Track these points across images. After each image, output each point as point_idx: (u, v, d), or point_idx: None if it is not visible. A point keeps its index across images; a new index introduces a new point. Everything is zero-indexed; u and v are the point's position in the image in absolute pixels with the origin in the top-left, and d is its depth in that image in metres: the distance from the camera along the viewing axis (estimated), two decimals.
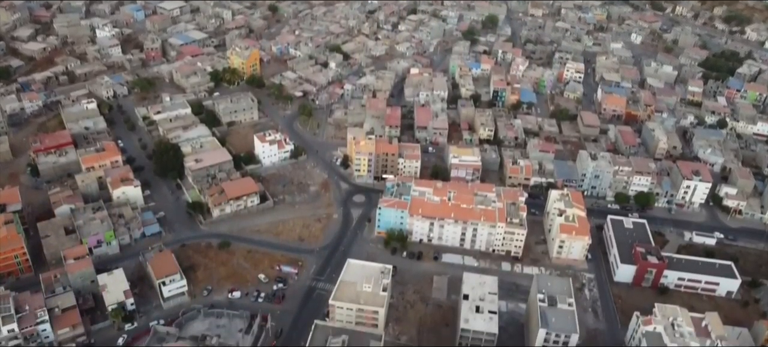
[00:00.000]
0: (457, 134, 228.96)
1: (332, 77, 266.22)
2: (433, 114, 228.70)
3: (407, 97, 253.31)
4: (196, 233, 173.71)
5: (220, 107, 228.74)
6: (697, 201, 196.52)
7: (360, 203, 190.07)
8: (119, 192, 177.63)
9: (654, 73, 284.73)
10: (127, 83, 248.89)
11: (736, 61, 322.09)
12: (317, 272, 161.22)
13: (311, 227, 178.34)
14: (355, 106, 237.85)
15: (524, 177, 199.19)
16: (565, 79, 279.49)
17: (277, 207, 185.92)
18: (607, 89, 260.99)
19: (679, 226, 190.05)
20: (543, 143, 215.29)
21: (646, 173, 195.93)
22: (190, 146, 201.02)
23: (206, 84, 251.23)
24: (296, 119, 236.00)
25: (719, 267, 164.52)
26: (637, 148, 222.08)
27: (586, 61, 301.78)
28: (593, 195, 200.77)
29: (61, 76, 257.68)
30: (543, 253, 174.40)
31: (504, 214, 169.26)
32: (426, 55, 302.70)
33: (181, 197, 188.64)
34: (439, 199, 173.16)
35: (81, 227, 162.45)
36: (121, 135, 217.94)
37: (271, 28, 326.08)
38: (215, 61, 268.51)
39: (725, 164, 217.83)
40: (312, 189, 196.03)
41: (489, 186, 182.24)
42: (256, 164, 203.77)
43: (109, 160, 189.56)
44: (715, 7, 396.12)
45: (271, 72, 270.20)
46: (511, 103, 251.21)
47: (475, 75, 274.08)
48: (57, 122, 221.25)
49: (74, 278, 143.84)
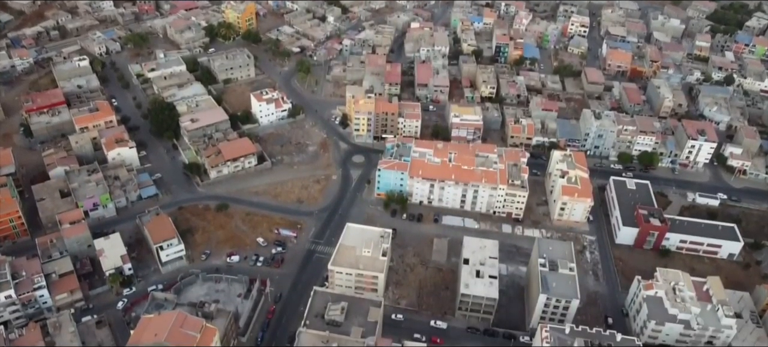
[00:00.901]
0: (458, 92, 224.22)
1: (330, 32, 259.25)
2: (434, 71, 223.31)
3: (407, 52, 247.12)
4: (194, 195, 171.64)
5: (215, 63, 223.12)
6: (702, 161, 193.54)
7: (359, 164, 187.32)
8: (114, 153, 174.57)
9: (661, 27, 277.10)
10: (119, 39, 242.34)
11: (745, 14, 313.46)
12: (316, 235, 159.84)
13: (310, 188, 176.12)
14: (354, 62, 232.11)
15: (526, 137, 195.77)
16: (569, 34, 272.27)
17: (275, 168, 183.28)
18: (612, 43, 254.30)
19: (682, 187, 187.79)
20: (546, 102, 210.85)
21: (650, 133, 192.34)
22: (186, 105, 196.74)
23: (201, 39, 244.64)
24: (294, 75, 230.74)
25: (722, 229, 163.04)
26: (641, 106, 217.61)
27: (592, 14, 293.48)
28: (596, 155, 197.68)
29: (51, 31, 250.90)
30: (544, 215, 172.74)
31: (505, 176, 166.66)
32: (427, 7, 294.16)
33: (178, 158, 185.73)
34: (439, 160, 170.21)
35: (76, 190, 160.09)
36: (115, 93, 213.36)
37: None
38: (210, 16, 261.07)
39: (731, 123, 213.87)
40: (310, 149, 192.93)
41: (491, 146, 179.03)
42: (253, 123, 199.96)
43: (104, 120, 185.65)
44: None
45: (268, 26, 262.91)
46: (513, 58, 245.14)
47: (477, 29, 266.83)
48: (49, 79, 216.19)
49: (71, 242, 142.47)
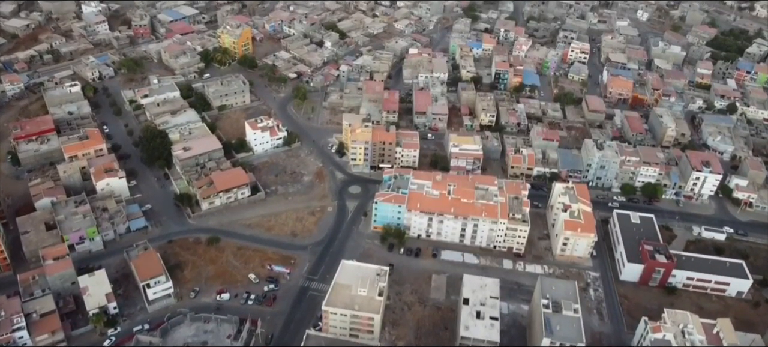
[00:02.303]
0: (457, 120, 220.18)
1: (328, 57, 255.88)
2: (433, 98, 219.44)
3: (406, 79, 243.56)
4: (184, 228, 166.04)
5: (210, 90, 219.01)
6: (707, 193, 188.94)
7: (356, 195, 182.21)
8: (103, 183, 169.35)
9: (662, 54, 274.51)
10: (113, 64, 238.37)
11: (745, 40, 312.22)
12: (310, 270, 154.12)
13: (304, 220, 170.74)
14: (351, 89, 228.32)
15: (527, 167, 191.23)
16: (569, 60, 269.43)
17: (269, 199, 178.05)
18: (613, 71, 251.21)
19: (687, 219, 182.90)
20: (547, 131, 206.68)
21: (654, 164, 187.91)
22: (179, 133, 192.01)
23: (196, 65, 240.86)
24: (290, 102, 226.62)
25: (730, 266, 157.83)
26: (644, 135, 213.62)
27: (591, 40, 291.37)
28: (598, 186, 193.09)
29: (45, 55, 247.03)
30: (546, 249, 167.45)
31: (506, 209, 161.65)
32: (425, 33, 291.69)
33: (169, 188, 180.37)
34: (438, 193, 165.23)
35: (62, 223, 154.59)
36: (106, 120, 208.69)
37: (265, 3, 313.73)
38: (205, 40, 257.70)
39: (735, 153, 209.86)
40: (306, 179, 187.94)
41: (491, 178, 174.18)
42: (247, 152, 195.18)
43: (93, 148, 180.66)
44: None
45: (264, 51, 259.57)
46: (513, 85, 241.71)
47: (477, 55, 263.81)
48: (39, 105, 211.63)
49: (53, 280, 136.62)
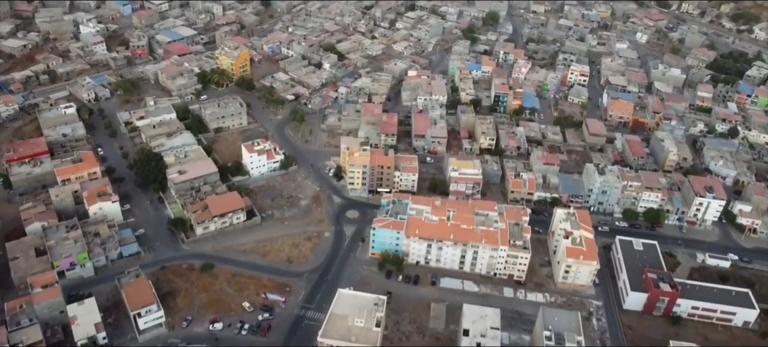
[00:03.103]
0: (456, 143, 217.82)
1: (326, 79, 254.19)
2: (432, 121, 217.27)
3: (404, 101, 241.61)
4: (178, 253, 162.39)
5: (207, 112, 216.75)
6: (710, 219, 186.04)
7: (353, 220, 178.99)
8: (96, 208, 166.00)
9: (662, 77, 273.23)
10: (109, 85, 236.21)
11: (744, 63, 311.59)
12: (306, 299, 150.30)
13: (301, 246, 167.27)
14: (349, 111, 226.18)
15: (528, 192, 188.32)
16: (569, 83, 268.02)
17: (264, 224, 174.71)
18: (613, 94, 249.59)
19: (691, 246, 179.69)
20: (547, 155, 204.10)
21: (656, 190, 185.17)
22: (174, 156, 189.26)
23: (193, 86, 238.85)
24: (287, 124, 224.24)
25: (736, 294, 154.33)
26: (645, 159, 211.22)
27: (591, 62, 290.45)
28: (600, 211, 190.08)
29: (41, 75, 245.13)
30: (547, 277, 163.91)
31: (507, 236, 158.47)
32: (424, 54, 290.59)
33: (163, 212, 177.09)
34: (437, 219, 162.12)
35: (53, 248, 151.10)
36: (101, 142, 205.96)
37: (264, 24, 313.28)
38: (203, 62, 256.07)
39: (738, 177, 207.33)
40: (303, 203, 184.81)
41: (491, 204, 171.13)
42: (243, 175, 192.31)
43: (87, 171, 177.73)
44: (722, 5, 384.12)
45: (262, 73, 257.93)
46: (513, 108, 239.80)
47: (476, 77, 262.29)
48: (33, 127, 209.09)
49: (41, 308, 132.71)
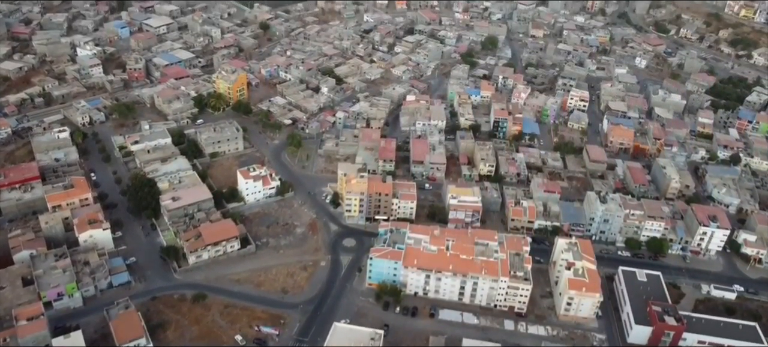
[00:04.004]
0: (455, 169, 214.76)
1: (324, 104, 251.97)
2: (430, 147, 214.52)
3: (403, 126, 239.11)
4: (169, 283, 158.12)
5: (202, 136, 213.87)
6: (714, 248, 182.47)
7: (350, 248, 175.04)
8: (86, 235, 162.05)
9: (662, 103, 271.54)
10: (105, 109, 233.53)
11: (744, 88, 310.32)
12: (300, 331, 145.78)
13: (296, 276, 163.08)
14: (347, 136, 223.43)
15: (528, 220, 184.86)
16: (568, 108, 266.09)
17: (259, 252, 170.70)
18: (613, 120, 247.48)
19: (695, 277, 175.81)
20: (547, 183, 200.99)
21: (659, 218, 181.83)
22: (168, 182, 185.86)
23: (189, 110, 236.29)
24: (284, 149, 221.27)
25: (743, 328, 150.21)
26: (647, 187, 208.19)
27: (591, 87, 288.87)
28: (602, 240, 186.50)
29: (36, 98, 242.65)
30: (549, 308, 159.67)
31: (507, 266, 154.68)
32: (423, 79, 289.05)
33: (156, 240, 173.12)
34: (436, 248, 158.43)
35: (40, 278, 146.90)
36: (94, 167, 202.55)
37: (262, 47, 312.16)
38: (200, 85, 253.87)
39: (742, 206, 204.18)
40: (298, 231, 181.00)
41: (491, 233, 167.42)
42: (239, 201, 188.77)
43: (78, 198, 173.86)
44: (721, 31, 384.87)
45: (260, 97, 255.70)
46: (512, 134, 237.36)
47: (475, 102, 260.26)
48: (26, 151, 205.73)
49: (25, 342, 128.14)
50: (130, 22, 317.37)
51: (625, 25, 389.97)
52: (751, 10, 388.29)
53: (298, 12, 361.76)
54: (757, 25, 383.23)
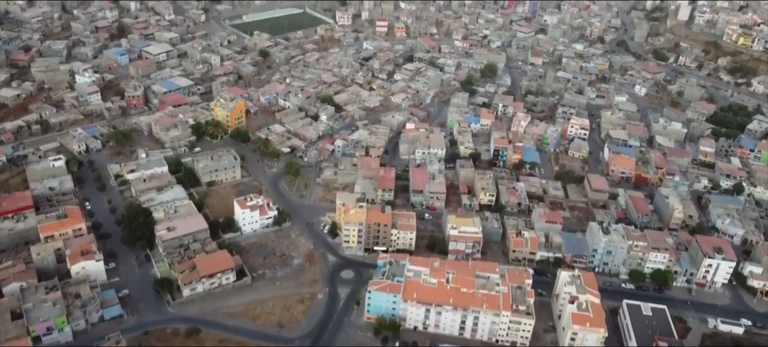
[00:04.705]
0: (455, 198, 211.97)
1: (323, 131, 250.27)
2: (430, 176, 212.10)
3: (402, 154, 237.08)
4: (163, 316, 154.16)
5: (199, 164, 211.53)
6: (720, 281, 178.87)
7: (348, 280, 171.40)
8: (79, 267, 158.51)
9: (662, 131, 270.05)
10: (101, 136, 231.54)
11: (744, 116, 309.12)
12: None
13: (293, 309, 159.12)
14: (346, 164, 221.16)
15: (530, 251, 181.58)
16: (569, 136, 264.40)
17: (255, 284, 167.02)
18: (614, 148, 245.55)
19: (701, 310, 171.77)
20: (549, 213, 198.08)
21: (663, 250, 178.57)
22: (163, 211, 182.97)
23: (187, 138, 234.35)
24: (282, 178, 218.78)
25: None
26: (650, 217, 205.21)
27: (591, 114, 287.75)
28: (605, 272, 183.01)
29: (33, 125, 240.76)
30: (552, 343, 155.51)
31: (509, 300, 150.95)
32: (423, 106, 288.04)
33: (150, 271, 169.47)
34: (436, 281, 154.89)
35: (30, 312, 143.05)
36: (89, 196, 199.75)
37: (262, 74, 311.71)
38: (198, 113, 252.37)
39: (746, 236, 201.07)
40: (296, 262, 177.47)
41: (492, 265, 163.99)
42: (235, 231, 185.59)
43: (72, 228, 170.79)
44: (720, 58, 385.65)
45: (258, 124, 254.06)
46: (513, 162, 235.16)
47: (475, 130, 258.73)
48: (21, 179, 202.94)
49: None
50: (130, 49, 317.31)
51: (624, 52, 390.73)
52: (749, 38, 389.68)
53: (298, 39, 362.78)
54: (756, 53, 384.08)
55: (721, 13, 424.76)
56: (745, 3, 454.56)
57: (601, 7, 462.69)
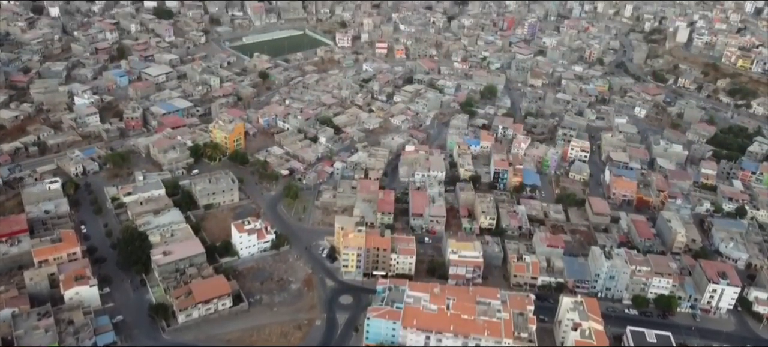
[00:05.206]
0: (455, 221, 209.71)
1: (322, 153, 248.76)
2: (430, 199, 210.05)
3: (402, 177, 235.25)
4: (157, 343, 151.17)
5: (197, 187, 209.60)
6: (725, 306, 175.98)
7: (347, 306, 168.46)
8: (72, 292, 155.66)
9: (663, 153, 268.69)
10: (99, 158, 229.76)
11: (745, 138, 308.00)
12: None
13: (290, 336, 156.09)
14: (345, 187, 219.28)
15: (531, 276, 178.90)
16: (569, 159, 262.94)
17: (252, 310, 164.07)
18: (615, 171, 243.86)
19: (706, 337, 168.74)
20: (550, 237, 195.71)
21: (667, 275, 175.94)
22: (160, 235, 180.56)
23: (185, 160, 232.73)
24: (280, 200, 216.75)
25: None
26: (652, 241, 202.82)
27: (591, 136, 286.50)
28: (608, 297, 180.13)
29: (31, 147, 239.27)
30: None
31: (511, 327, 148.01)
32: (422, 128, 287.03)
33: (145, 296, 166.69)
34: (436, 307, 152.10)
35: (21, 339, 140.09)
36: (85, 219, 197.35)
37: (261, 96, 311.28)
38: (196, 135, 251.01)
39: (750, 260, 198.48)
40: (293, 287, 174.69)
41: (493, 291, 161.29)
42: (232, 256, 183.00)
43: (66, 252, 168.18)
44: (719, 80, 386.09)
45: (257, 146, 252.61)
46: (513, 185, 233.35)
47: (475, 153, 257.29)
48: (16, 202, 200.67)
49: None
50: (130, 70, 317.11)
51: (624, 74, 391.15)
52: (747, 60, 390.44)
53: (298, 61, 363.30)
54: (755, 75, 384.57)
55: (719, 35, 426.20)
56: (743, 26, 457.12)
57: (600, 29, 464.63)
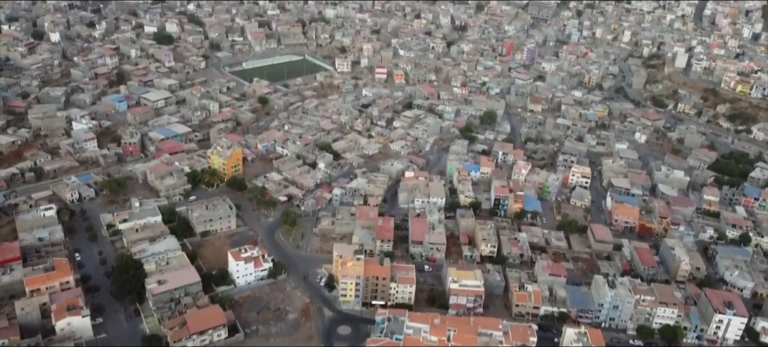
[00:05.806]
0: (455, 249, 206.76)
1: (320, 179, 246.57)
2: (430, 226, 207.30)
3: (401, 203, 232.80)
4: None
5: (194, 214, 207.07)
6: (732, 337, 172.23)
7: (345, 337, 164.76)
8: (64, 323, 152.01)
9: (665, 179, 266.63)
10: (95, 184, 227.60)
11: (746, 163, 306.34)
12: None
13: None
14: (343, 214, 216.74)
15: (533, 306, 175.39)
16: (570, 184, 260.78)
17: (248, 341, 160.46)
18: (617, 197, 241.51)
19: None
20: (552, 265, 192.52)
21: (672, 304, 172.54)
22: (155, 263, 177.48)
23: (182, 186, 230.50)
24: (278, 227, 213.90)
25: None
26: (656, 269, 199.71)
27: (591, 162, 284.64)
28: (612, 327, 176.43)
29: (27, 172, 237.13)
30: None
31: None
32: (422, 154, 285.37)
33: (139, 326, 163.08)
34: (436, 339, 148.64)
35: None
36: (80, 246, 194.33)
37: (260, 121, 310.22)
38: (194, 161, 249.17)
39: (756, 290, 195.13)
40: (291, 317, 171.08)
41: (495, 321, 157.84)
42: (228, 284, 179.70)
43: (59, 281, 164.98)
44: (718, 105, 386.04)
45: (255, 172, 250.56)
46: (514, 212, 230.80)
47: (475, 179, 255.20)
48: (10, 229, 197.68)
49: None
50: (129, 95, 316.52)
51: (623, 99, 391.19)
52: (747, 85, 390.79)
53: (297, 86, 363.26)
54: (754, 100, 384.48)
55: (718, 60, 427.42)
56: (742, 51, 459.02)
57: (599, 55, 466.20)
